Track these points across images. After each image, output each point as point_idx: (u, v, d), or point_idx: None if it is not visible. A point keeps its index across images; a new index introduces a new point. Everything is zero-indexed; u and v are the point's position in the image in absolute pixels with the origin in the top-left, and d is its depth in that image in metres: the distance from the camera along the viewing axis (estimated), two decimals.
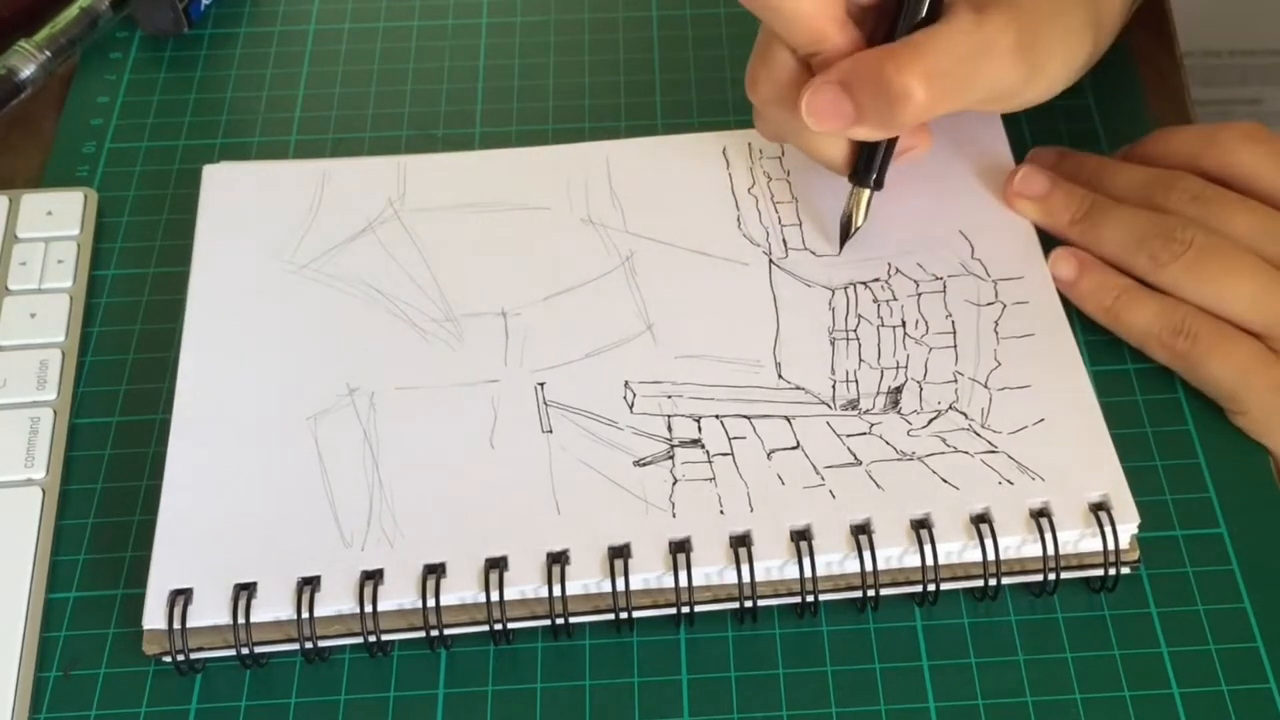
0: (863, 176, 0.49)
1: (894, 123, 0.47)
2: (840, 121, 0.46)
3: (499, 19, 0.62)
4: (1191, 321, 0.47)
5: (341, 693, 0.43)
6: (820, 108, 0.46)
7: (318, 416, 0.47)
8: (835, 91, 0.46)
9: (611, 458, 0.46)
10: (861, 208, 0.50)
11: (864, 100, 0.46)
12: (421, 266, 0.51)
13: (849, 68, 0.46)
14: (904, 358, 0.48)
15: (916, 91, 0.45)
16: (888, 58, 0.45)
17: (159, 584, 0.43)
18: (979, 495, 0.44)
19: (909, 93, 0.45)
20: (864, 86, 0.46)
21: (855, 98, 0.46)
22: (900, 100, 0.45)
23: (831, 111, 0.46)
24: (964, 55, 0.46)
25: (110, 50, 0.62)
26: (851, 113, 0.46)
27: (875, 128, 0.47)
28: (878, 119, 0.46)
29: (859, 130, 0.47)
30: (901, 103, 0.45)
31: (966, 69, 0.46)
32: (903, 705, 0.42)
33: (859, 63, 0.46)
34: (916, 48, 0.46)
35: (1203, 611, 0.44)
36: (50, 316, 0.51)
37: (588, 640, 0.44)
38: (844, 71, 0.46)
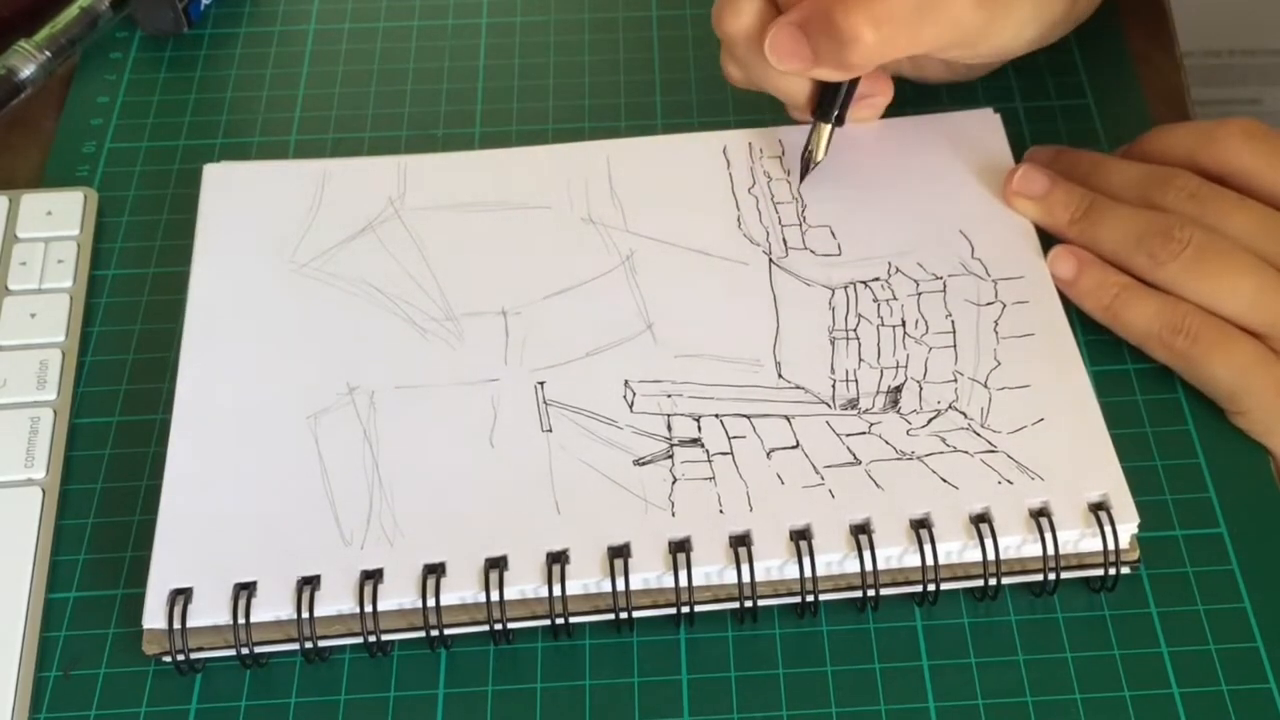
0: (825, 112, 0.51)
1: (846, 65, 0.48)
2: (800, 62, 0.48)
3: (499, 19, 0.62)
4: (1192, 320, 0.47)
5: (341, 693, 0.43)
6: (780, 47, 0.48)
7: (318, 415, 0.47)
8: (794, 32, 0.47)
9: (611, 457, 0.46)
10: (823, 143, 0.51)
11: (818, 42, 0.47)
12: (421, 265, 0.51)
13: (806, 9, 0.47)
14: (904, 357, 0.48)
15: (865, 34, 0.46)
16: (837, 1, 0.46)
17: (159, 583, 0.43)
18: (978, 495, 0.44)
19: (857, 35, 0.46)
20: (817, 29, 0.47)
21: (810, 39, 0.47)
22: (850, 43, 0.46)
23: (791, 52, 0.47)
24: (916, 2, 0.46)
25: (110, 50, 0.62)
26: (809, 54, 0.47)
27: (830, 69, 0.48)
28: (831, 60, 0.47)
29: (818, 71, 0.48)
30: (850, 45, 0.46)
31: (918, 13, 0.46)
32: (903, 705, 0.42)
33: (813, 4, 0.47)
34: None
35: (1203, 611, 0.44)
36: (50, 316, 0.51)
37: (588, 640, 0.44)
38: (802, 12, 0.47)
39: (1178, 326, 0.47)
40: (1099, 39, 0.57)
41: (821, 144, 0.51)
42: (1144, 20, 0.59)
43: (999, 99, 0.56)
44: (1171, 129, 0.52)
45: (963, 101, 0.56)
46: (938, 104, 0.55)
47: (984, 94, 0.57)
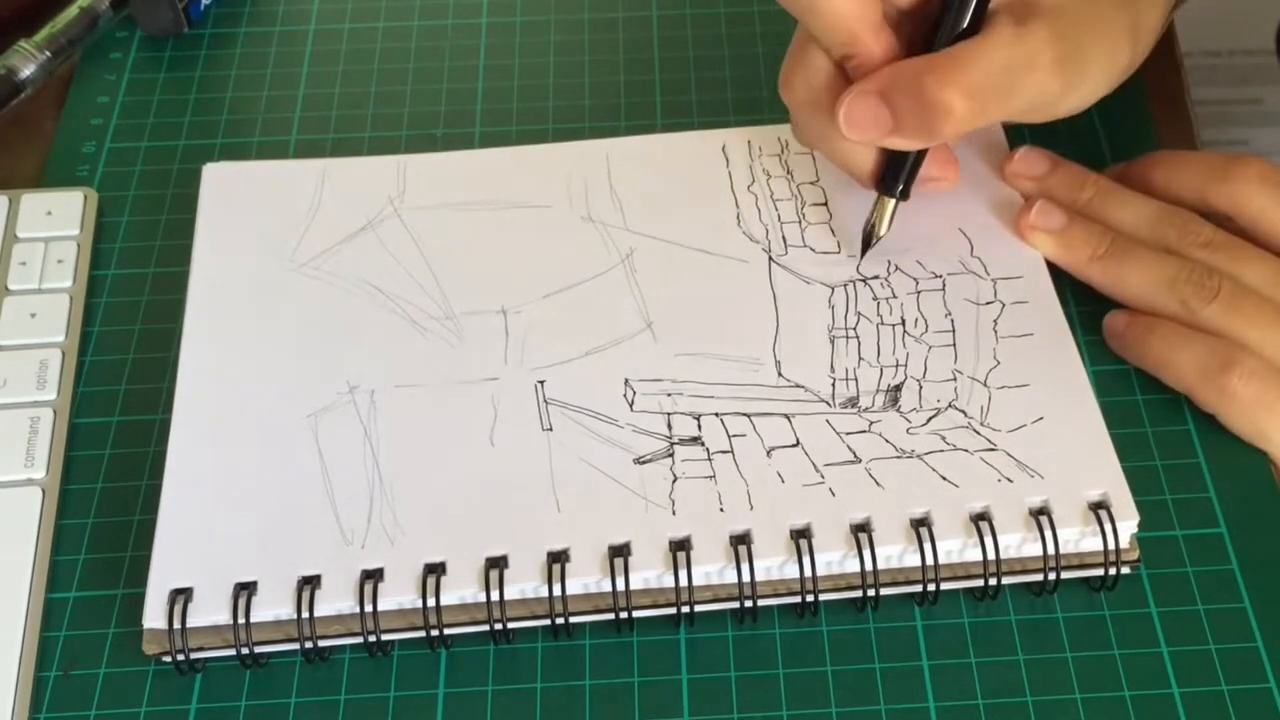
0: (889, 186, 0.49)
1: (932, 135, 0.46)
2: (876, 131, 0.46)
3: (499, 19, 0.62)
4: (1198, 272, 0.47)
5: (341, 693, 0.43)
6: (857, 116, 0.46)
7: (318, 414, 0.47)
8: (873, 100, 0.46)
9: (611, 456, 0.46)
10: (886, 218, 0.50)
11: (902, 111, 0.45)
12: (421, 264, 0.51)
13: (889, 77, 0.46)
14: (903, 356, 0.48)
15: (957, 105, 0.45)
16: (929, 70, 0.45)
17: (159, 583, 0.43)
18: (978, 493, 0.44)
19: (950, 106, 0.45)
20: (903, 97, 0.45)
21: (894, 108, 0.45)
22: (940, 113, 0.45)
23: (868, 120, 0.46)
24: (1005, 69, 0.45)
25: (110, 50, 0.62)
26: (889, 122, 0.46)
27: (912, 138, 0.47)
28: (915, 130, 0.46)
29: (894, 140, 0.46)
30: (941, 116, 0.45)
31: (1007, 82, 0.46)
32: (903, 705, 0.42)
33: (899, 73, 0.46)
34: (957, 61, 0.45)
35: (1203, 611, 0.44)
36: (50, 316, 0.51)
37: (588, 640, 0.44)
38: (883, 81, 0.46)
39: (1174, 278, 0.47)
40: None
41: (885, 219, 0.49)
42: None
43: None
44: (1179, 160, 0.51)
45: None
46: None
47: None
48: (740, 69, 0.60)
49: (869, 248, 0.50)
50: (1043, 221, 0.50)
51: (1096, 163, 0.55)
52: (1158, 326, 0.48)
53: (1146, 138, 0.56)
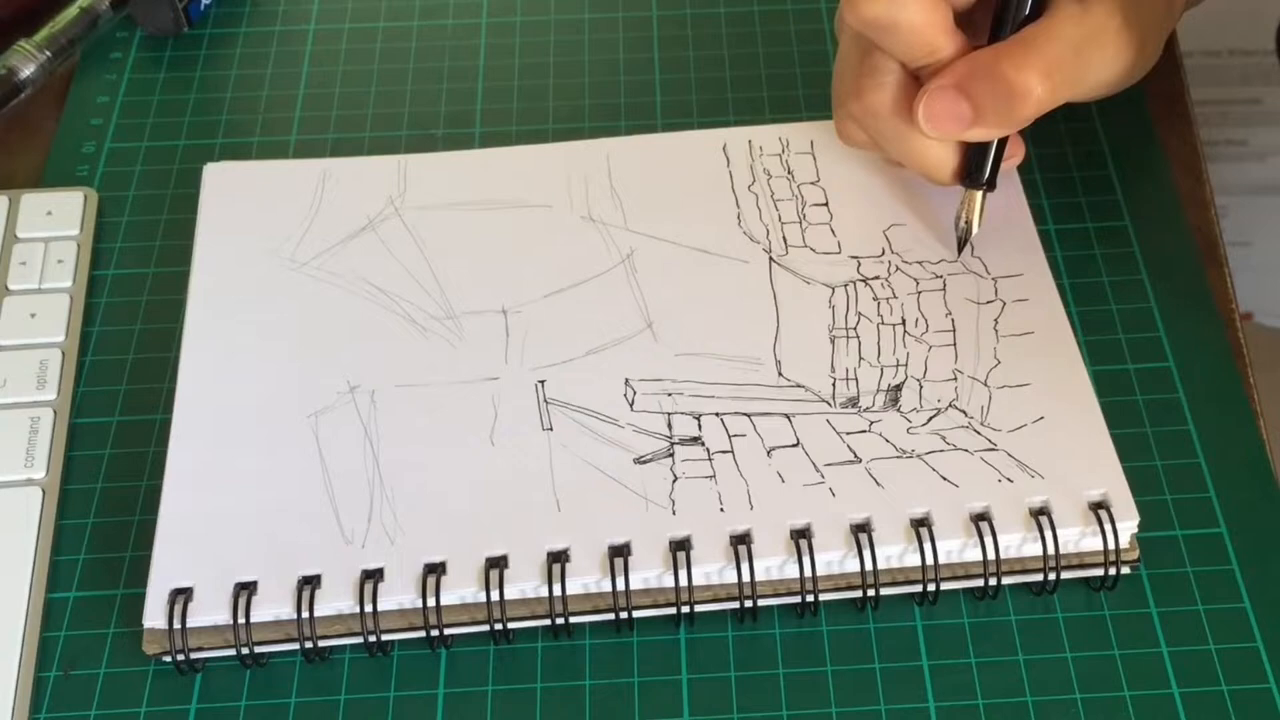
0: (976, 178, 0.49)
1: (1014, 119, 0.47)
2: (958, 124, 0.47)
3: (499, 19, 0.62)
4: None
5: (341, 693, 0.43)
6: (937, 112, 0.47)
7: (318, 414, 0.47)
8: (952, 95, 0.46)
9: (612, 455, 0.46)
10: (976, 210, 0.50)
11: (983, 100, 0.46)
12: (422, 264, 0.51)
13: (964, 70, 0.46)
14: (904, 355, 0.48)
15: (1036, 86, 0.46)
16: (1003, 56, 0.46)
17: (159, 582, 0.43)
18: (978, 493, 0.44)
19: (1029, 88, 0.46)
20: (982, 87, 0.46)
21: (973, 99, 0.46)
22: (1020, 96, 0.46)
23: (949, 115, 0.47)
24: (1076, 45, 0.46)
25: (110, 50, 0.62)
26: (969, 114, 0.46)
27: (994, 127, 0.47)
28: (997, 117, 0.47)
29: (975, 131, 0.47)
30: (1021, 99, 0.46)
31: (1080, 59, 0.47)
32: (903, 705, 0.42)
33: (974, 64, 0.46)
34: (1029, 43, 0.46)
35: (1203, 611, 0.44)
36: (50, 316, 0.51)
37: (588, 640, 0.44)
38: (959, 74, 0.46)
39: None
40: None
41: (976, 212, 0.50)
42: None
43: None
44: None
45: None
46: None
47: None
48: (740, 69, 0.60)
49: (965, 243, 0.51)
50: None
51: (1097, 162, 0.55)
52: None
53: (1146, 138, 0.56)
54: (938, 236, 0.51)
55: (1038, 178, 0.55)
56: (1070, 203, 0.54)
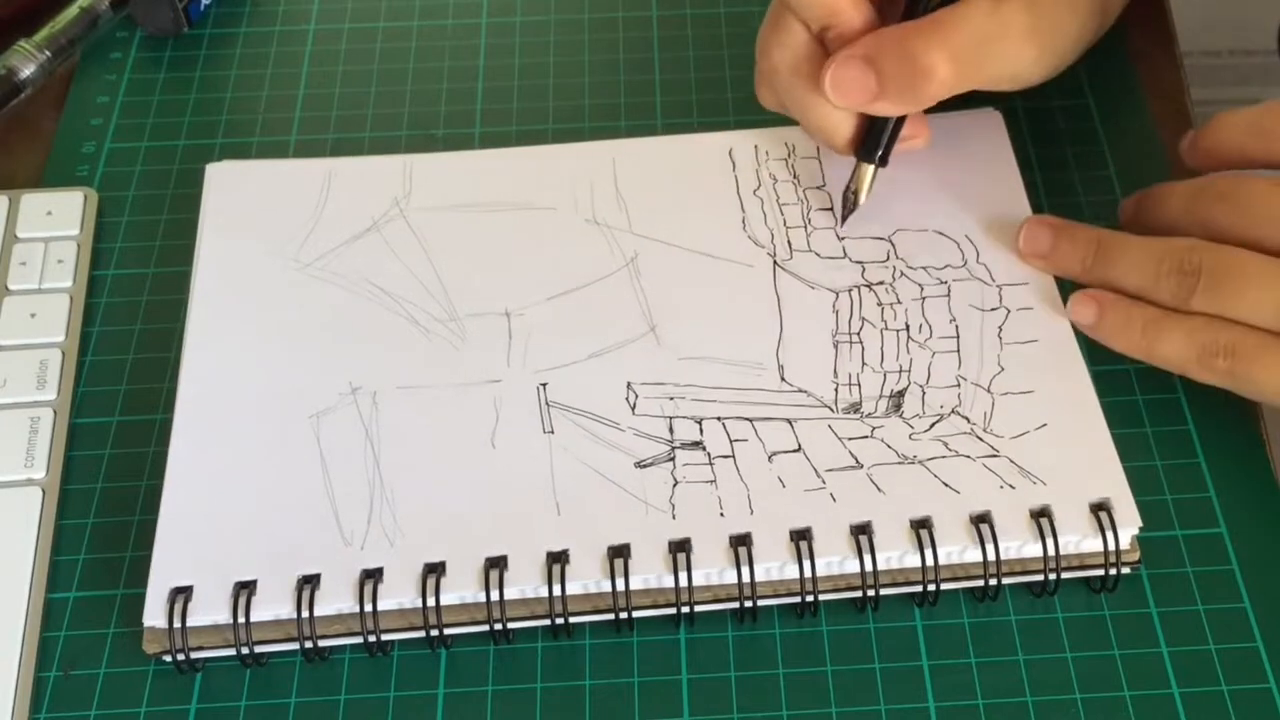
0: (869, 153, 0.50)
1: (916, 98, 0.48)
2: (862, 96, 0.47)
3: (499, 19, 0.62)
4: (1224, 337, 0.46)
5: (341, 693, 0.43)
6: (843, 82, 0.47)
7: (320, 415, 0.47)
8: (859, 66, 0.47)
9: (613, 459, 0.46)
10: (865, 183, 0.50)
11: (888, 75, 0.47)
12: (425, 266, 0.51)
13: (873, 43, 0.47)
14: (907, 361, 0.48)
15: (940, 68, 0.47)
16: (914, 34, 0.47)
17: (159, 581, 0.43)
18: (980, 499, 0.44)
19: (933, 69, 0.46)
20: (889, 62, 0.47)
21: (879, 73, 0.47)
22: (924, 76, 0.47)
23: (855, 86, 0.47)
24: (983, 36, 0.47)
25: (110, 50, 0.62)
26: (874, 87, 0.47)
27: (896, 103, 0.48)
28: (900, 94, 0.47)
29: (879, 105, 0.48)
30: (925, 78, 0.47)
31: (985, 49, 0.47)
32: (903, 705, 0.42)
33: (884, 38, 0.47)
34: (940, 25, 0.47)
35: (1203, 611, 0.44)
36: (50, 316, 0.51)
37: (588, 640, 0.44)
38: (868, 46, 0.47)
39: (1213, 349, 0.46)
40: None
41: (865, 185, 0.50)
42: (1144, 20, 0.59)
43: (999, 99, 0.56)
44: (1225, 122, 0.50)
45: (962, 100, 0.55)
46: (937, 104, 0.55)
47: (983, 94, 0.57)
48: (740, 69, 0.60)
49: (849, 214, 0.51)
50: (1031, 248, 0.50)
51: (1097, 162, 0.55)
52: (1129, 323, 0.48)
53: (1147, 138, 0.56)
54: (942, 243, 0.51)
55: (1038, 178, 0.55)
56: (1070, 202, 0.54)
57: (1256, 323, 0.45)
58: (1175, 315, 0.47)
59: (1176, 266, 0.46)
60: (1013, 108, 0.57)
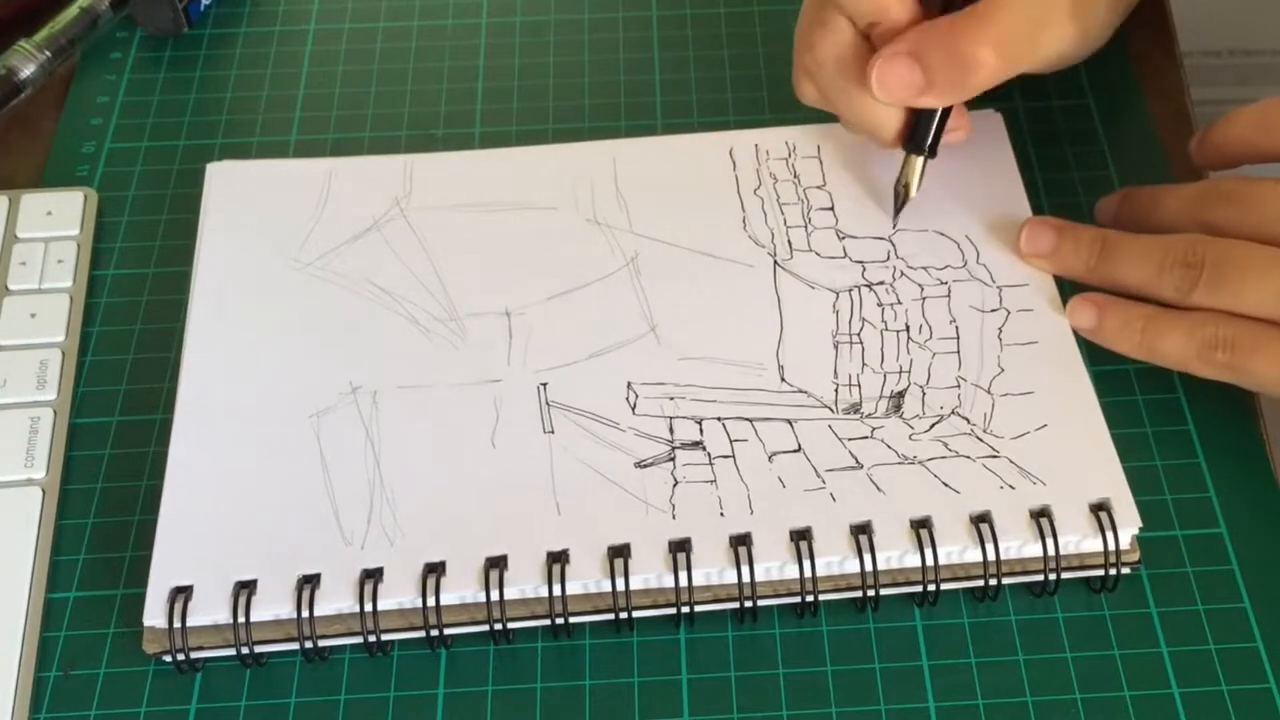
0: (918, 144, 0.50)
1: (964, 90, 0.48)
2: (909, 91, 0.48)
3: (499, 19, 0.62)
4: (1224, 331, 0.46)
5: (341, 693, 0.43)
6: (889, 78, 0.48)
7: (320, 414, 0.47)
8: (906, 61, 0.48)
9: (613, 459, 0.46)
10: (916, 175, 0.51)
11: (935, 69, 0.47)
12: (426, 265, 0.51)
13: (919, 38, 0.48)
14: (907, 362, 0.48)
15: (989, 58, 0.47)
16: (958, 27, 0.47)
17: (160, 581, 0.43)
18: (980, 499, 0.44)
19: (981, 60, 0.47)
20: (935, 56, 0.47)
21: (926, 67, 0.47)
22: (973, 68, 0.47)
23: (901, 81, 0.48)
24: (1028, 21, 0.48)
25: (110, 50, 0.62)
26: (921, 82, 0.48)
27: (944, 95, 0.49)
28: (948, 87, 0.48)
29: (926, 98, 0.48)
30: (973, 70, 0.47)
31: (1031, 34, 0.48)
32: (903, 705, 0.42)
33: (930, 33, 0.48)
34: (983, 17, 0.47)
35: (1203, 611, 0.44)
36: (50, 316, 0.51)
37: (588, 640, 0.44)
38: (914, 42, 0.48)
39: (1212, 342, 0.46)
40: None
41: (915, 176, 0.51)
42: (1144, 20, 0.59)
43: (999, 99, 0.56)
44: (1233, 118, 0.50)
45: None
46: None
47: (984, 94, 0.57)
48: (740, 69, 0.60)
49: (902, 207, 0.51)
50: (1033, 248, 0.50)
51: (1097, 162, 0.55)
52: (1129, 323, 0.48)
53: (1147, 138, 0.56)
54: (943, 243, 0.51)
55: (1038, 178, 0.55)
56: (1071, 202, 0.54)
57: (1258, 313, 0.46)
58: (1175, 312, 0.47)
59: (1180, 259, 0.47)
60: (1013, 108, 0.57)
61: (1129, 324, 0.48)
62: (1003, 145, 0.54)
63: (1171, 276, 0.47)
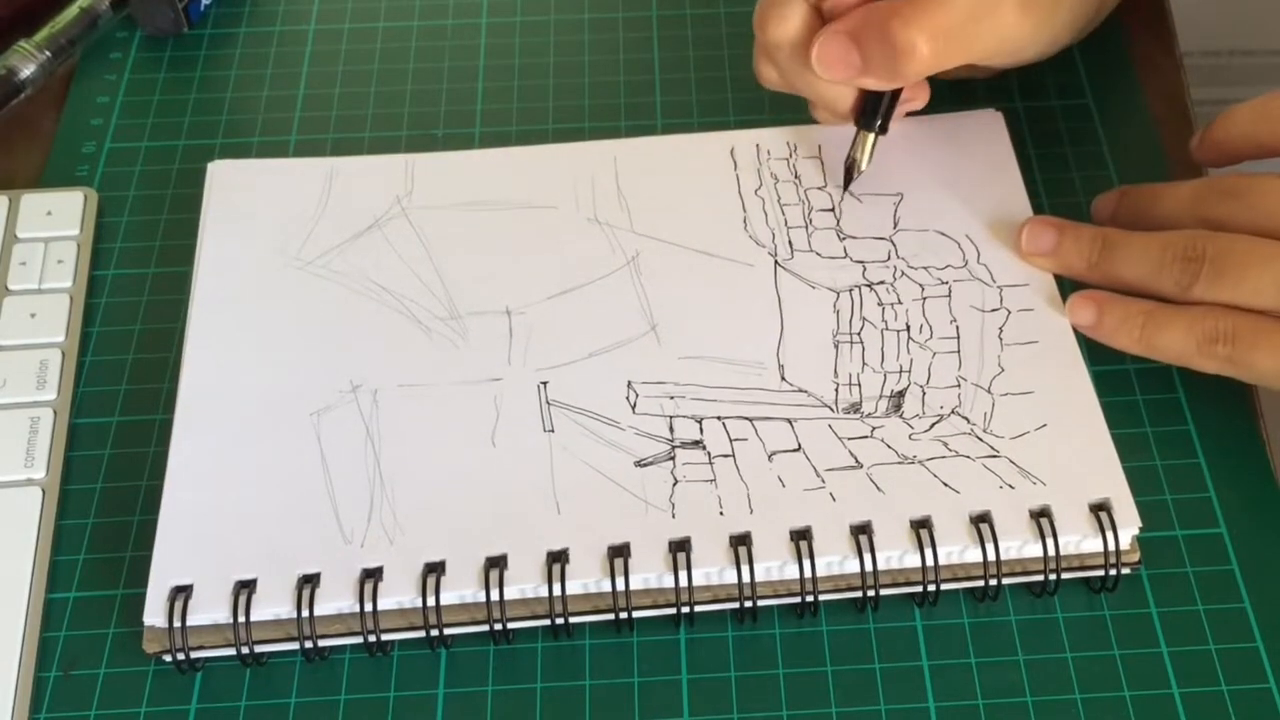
0: (868, 121, 0.51)
1: (897, 76, 0.48)
2: (847, 71, 0.48)
3: (499, 19, 0.62)
4: (1223, 324, 0.46)
5: (341, 693, 0.43)
6: (828, 57, 0.48)
7: (321, 413, 0.47)
8: (844, 41, 0.48)
9: (613, 458, 0.46)
10: (866, 152, 0.51)
11: (870, 53, 0.47)
12: (427, 264, 0.51)
13: (858, 19, 0.48)
14: (907, 362, 0.48)
15: (921, 47, 0.47)
16: (894, 12, 0.47)
17: (160, 580, 0.43)
18: (980, 499, 0.44)
19: (913, 48, 0.47)
20: (871, 39, 0.47)
21: (862, 49, 0.47)
22: (904, 55, 0.47)
23: (840, 61, 0.48)
24: (970, 12, 0.47)
25: (110, 50, 0.62)
26: (859, 63, 0.48)
27: (880, 79, 0.48)
28: (882, 71, 0.48)
29: (864, 80, 0.48)
30: (905, 57, 0.47)
31: (971, 25, 0.47)
32: (903, 705, 0.42)
33: (868, 15, 0.47)
34: (922, 4, 0.47)
35: (1203, 611, 0.44)
36: (50, 316, 0.51)
37: (588, 640, 0.44)
38: (853, 22, 0.48)
39: (1212, 335, 0.46)
40: (1099, 39, 0.57)
41: (865, 153, 0.51)
42: (1144, 20, 0.59)
43: (999, 99, 0.56)
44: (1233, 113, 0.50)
45: (963, 102, 0.56)
46: (939, 104, 0.55)
47: (984, 94, 0.57)
48: (740, 69, 0.60)
49: (850, 182, 0.52)
50: (1034, 246, 0.50)
51: (1097, 162, 0.55)
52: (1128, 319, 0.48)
53: (1147, 138, 0.56)
54: (943, 243, 0.51)
55: (1038, 178, 0.55)
56: (1071, 202, 0.54)
57: (1258, 305, 0.46)
58: (1174, 307, 0.47)
59: (1181, 253, 0.47)
60: (1013, 108, 0.57)
61: (1128, 320, 0.48)
62: (1003, 144, 0.54)
63: (1172, 271, 0.47)
